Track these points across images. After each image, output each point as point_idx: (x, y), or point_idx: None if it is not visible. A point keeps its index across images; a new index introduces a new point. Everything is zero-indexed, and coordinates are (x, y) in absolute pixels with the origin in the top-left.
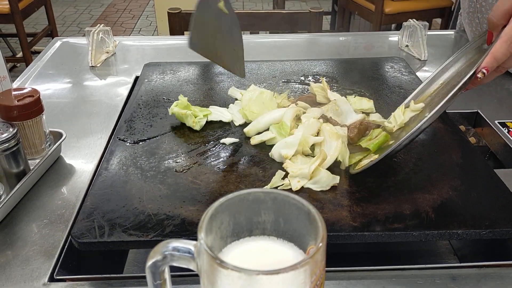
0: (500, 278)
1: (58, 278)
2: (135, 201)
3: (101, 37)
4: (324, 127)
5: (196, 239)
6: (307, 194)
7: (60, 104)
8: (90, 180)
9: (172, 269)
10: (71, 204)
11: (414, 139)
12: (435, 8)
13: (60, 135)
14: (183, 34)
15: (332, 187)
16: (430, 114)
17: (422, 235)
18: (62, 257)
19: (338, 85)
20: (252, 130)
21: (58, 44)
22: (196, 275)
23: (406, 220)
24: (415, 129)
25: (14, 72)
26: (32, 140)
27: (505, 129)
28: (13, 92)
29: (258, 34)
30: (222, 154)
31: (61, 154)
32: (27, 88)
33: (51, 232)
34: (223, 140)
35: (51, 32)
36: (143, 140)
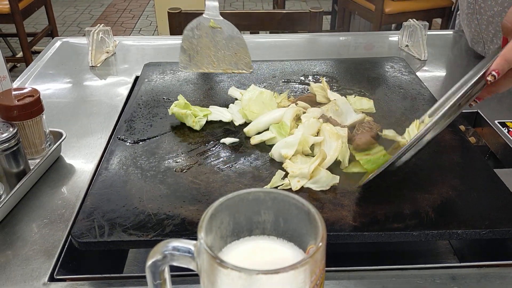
0: (500, 278)
1: (58, 278)
2: (135, 201)
3: (101, 37)
4: (324, 127)
5: (196, 239)
6: (307, 194)
7: (60, 104)
8: (90, 180)
9: (172, 269)
10: (71, 204)
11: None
12: (435, 8)
13: (60, 135)
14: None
15: (332, 187)
16: (430, 123)
17: (422, 234)
18: (62, 257)
19: (338, 85)
20: (252, 130)
21: (58, 44)
22: (196, 275)
23: (406, 220)
24: (416, 137)
25: (14, 72)
26: (32, 140)
27: (505, 129)
28: (13, 92)
29: (258, 34)
30: (222, 154)
31: (61, 154)
32: (27, 88)
33: (51, 232)
34: (223, 140)
35: (51, 32)
36: (143, 140)
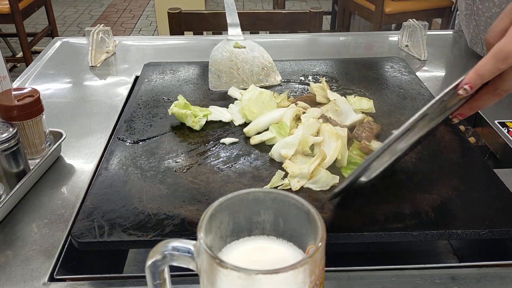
0: (500, 278)
1: (58, 278)
2: (135, 201)
3: (101, 37)
4: (323, 127)
5: (195, 239)
6: (307, 194)
7: (60, 104)
8: (90, 180)
9: (172, 269)
10: (71, 204)
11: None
12: (435, 8)
13: (60, 135)
14: (183, 34)
15: (332, 187)
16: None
17: (421, 235)
18: (62, 257)
19: (338, 85)
20: (252, 130)
21: (58, 44)
22: (196, 275)
23: (405, 220)
24: (380, 148)
25: (14, 72)
26: (32, 140)
27: (504, 129)
28: (13, 92)
29: (258, 34)
30: (222, 154)
31: (61, 154)
32: (27, 88)
33: (51, 232)
34: (223, 140)
35: (51, 32)
36: (143, 140)
